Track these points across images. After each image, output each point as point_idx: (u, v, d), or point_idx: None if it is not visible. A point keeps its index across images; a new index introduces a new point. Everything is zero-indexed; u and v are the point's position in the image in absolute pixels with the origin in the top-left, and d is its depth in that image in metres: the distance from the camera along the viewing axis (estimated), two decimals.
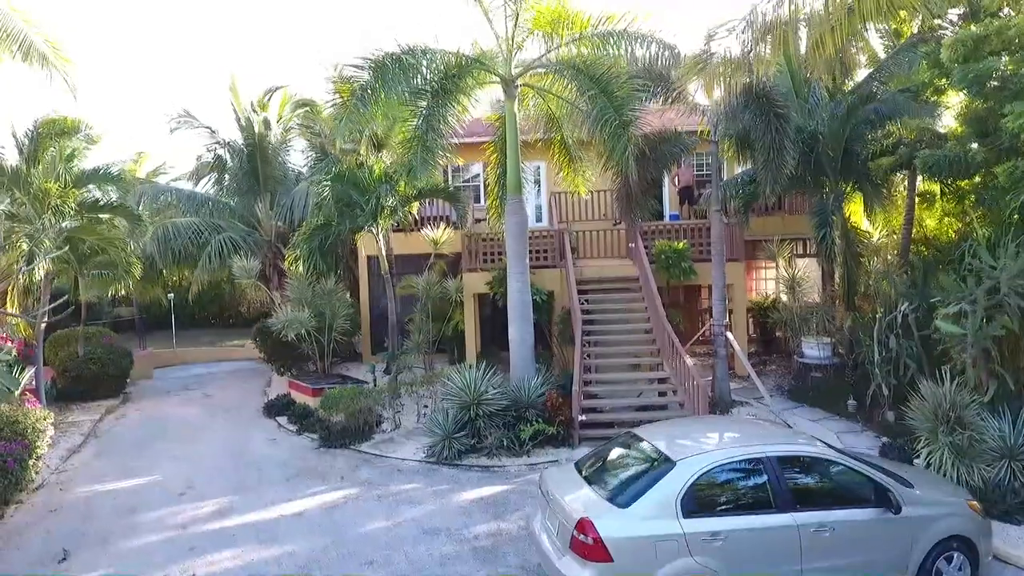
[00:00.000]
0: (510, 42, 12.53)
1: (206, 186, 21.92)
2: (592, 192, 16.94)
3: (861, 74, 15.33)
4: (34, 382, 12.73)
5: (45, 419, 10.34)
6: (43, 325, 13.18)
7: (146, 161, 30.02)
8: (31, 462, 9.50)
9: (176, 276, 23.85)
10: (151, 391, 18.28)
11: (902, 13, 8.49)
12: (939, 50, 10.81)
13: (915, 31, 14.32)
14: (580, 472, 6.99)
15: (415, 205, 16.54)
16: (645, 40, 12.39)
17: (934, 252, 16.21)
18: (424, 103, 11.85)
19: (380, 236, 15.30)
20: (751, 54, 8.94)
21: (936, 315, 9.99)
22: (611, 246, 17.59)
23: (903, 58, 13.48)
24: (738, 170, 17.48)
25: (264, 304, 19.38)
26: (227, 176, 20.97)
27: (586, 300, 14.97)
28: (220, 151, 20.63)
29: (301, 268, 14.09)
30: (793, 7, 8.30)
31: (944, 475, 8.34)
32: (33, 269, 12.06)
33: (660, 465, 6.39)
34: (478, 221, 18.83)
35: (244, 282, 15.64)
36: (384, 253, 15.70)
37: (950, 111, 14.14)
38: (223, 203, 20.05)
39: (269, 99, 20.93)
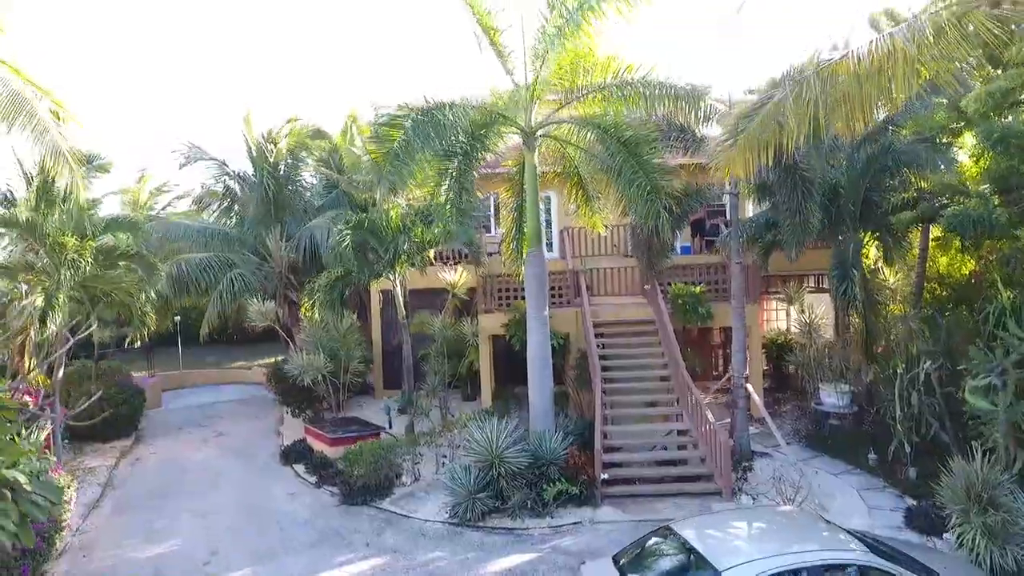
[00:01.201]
0: (531, 93, 12.45)
1: (215, 214, 21.79)
2: (607, 226, 16.88)
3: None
4: (52, 436, 12.65)
5: (68, 486, 10.26)
6: (59, 376, 13.10)
7: (148, 181, 30.03)
8: (57, 536, 9.44)
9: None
10: (162, 426, 18.23)
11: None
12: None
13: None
14: (619, 569, 6.97)
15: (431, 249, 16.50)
16: (667, 90, 12.35)
17: (948, 290, 16.27)
18: (454, 163, 11.79)
19: (396, 278, 15.23)
20: (781, 129, 8.87)
21: (963, 385, 9.97)
22: (625, 283, 17.53)
23: (918, 103, 13.44)
24: (752, 209, 17.48)
25: (270, 324, 19.29)
26: (237, 206, 20.84)
27: (602, 343, 14.94)
28: (230, 182, 20.52)
29: (318, 315, 14.00)
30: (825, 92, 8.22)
31: (976, 556, 8.33)
32: (48, 327, 11.96)
33: (703, 572, 6.37)
34: (490, 254, 18.80)
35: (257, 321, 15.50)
36: (400, 297, 15.63)
37: (964, 149, 14.15)
38: (233, 235, 19.92)
39: (281, 131, 20.81)
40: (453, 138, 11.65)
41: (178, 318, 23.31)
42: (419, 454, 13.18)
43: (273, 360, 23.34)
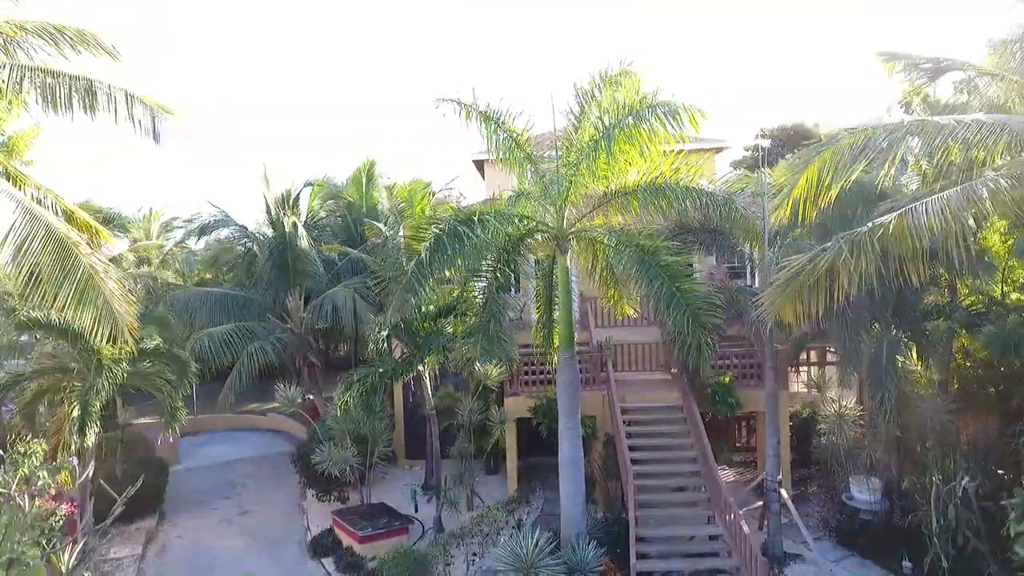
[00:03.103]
0: (564, 198, 12.37)
1: (234, 269, 21.81)
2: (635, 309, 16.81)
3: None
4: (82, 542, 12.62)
5: None
6: (90, 475, 13.09)
7: (159, 218, 30.20)
8: None
9: None
10: (185, 496, 18.18)
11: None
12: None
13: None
14: None
15: None
16: (698, 194, 12.28)
17: (977, 371, 16.15)
18: (483, 284, 11.73)
19: (425, 368, 15.17)
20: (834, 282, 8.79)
21: (1009, 525, 9.88)
22: (651, 358, 17.48)
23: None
24: None
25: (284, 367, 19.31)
26: (256, 267, 20.86)
27: (630, 432, 14.87)
28: (250, 244, 20.52)
29: (350, 405, 13.93)
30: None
31: None
32: (85, 437, 11.94)
33: None
34: (511, 320, 18.71)
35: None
36: (428, 386, 15.58)
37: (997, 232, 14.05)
38: (253, 299, 19.91)
39: (300, 193, 20.83)
40: (481, 261, 11.62)
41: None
42: (450, 555, 13.14)
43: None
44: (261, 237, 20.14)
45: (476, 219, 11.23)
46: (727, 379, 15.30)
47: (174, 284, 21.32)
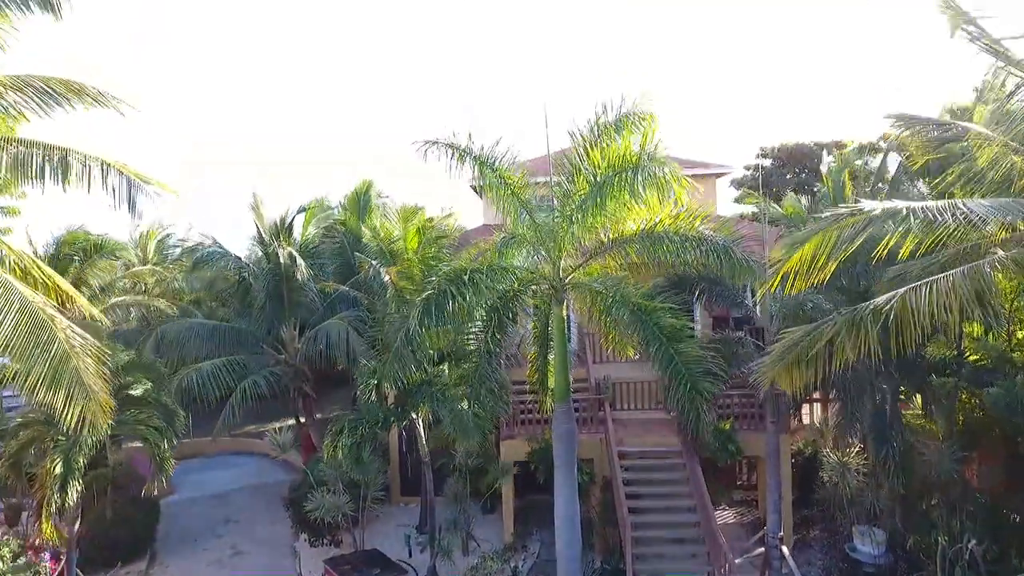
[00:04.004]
0: (560, 246, 12.07)
1: (231, 297, 21.55)
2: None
3: None
4: None
5: None
6: (76, 530, 12.83)
7: (155, 237, 29.97)
8: None
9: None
10: (177, 533, 17.91)
11: None
12: None
13: None
14: None
15: None
16: (696, 242, 11.99)
17: (983, 415, 15.80)
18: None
19: (419, 417, 14.87)
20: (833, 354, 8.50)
21: None
22: (649, 395, 17.16)
23: None
24: None
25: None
26: (249, 296, 20.54)
27: (627, 478, 14.55)
28: (245, 274, 20.22)
29: (340, 456, 13.61)
30: None
31: None
32: (67, 495, 11.66)
33: None
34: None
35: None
36: (421, 434, 15.28)
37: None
38: (245, 329, 19.61)
39: (294, 220, 20.54)
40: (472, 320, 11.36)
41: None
42: None
43: (292, 422, 22.98)
44: (255, 268, 19.81)
45: (467, 279, 10.93)
46: (727, 425, 14.97)
47: (167, 314, 21.02)
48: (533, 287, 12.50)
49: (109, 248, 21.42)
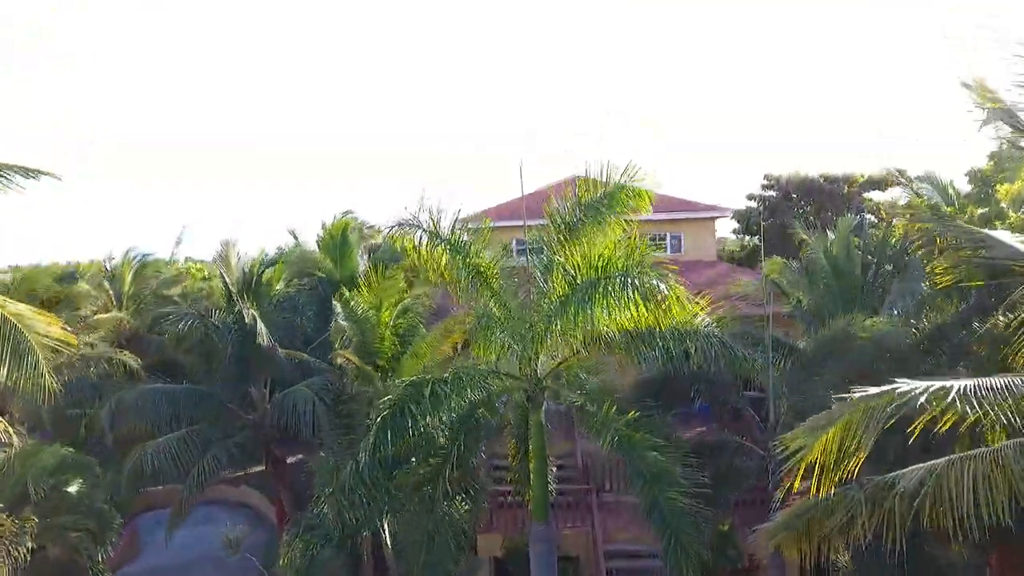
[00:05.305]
0: (534, 349, 10.70)
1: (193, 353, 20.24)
2: None
3: None
4: None
5: None
6: None
7: (130, 268, 28.61)
8: None
9: None
10: None
11: None
12: None
13: None
14: None
15: None
16: (692, 338, 10.63)
17: None
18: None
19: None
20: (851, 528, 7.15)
21: None
22: None
23: None
24: None
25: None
26: (215, 356, 19.20)
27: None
28: (210, 332, 18.84)
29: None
30: None
31: None
32: None
33: None
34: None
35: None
36: (388, 543, 13.89)
37: None
38: (211, 394, 18.26)
39: (263, 272, 19.17)
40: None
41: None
42: None
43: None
44: (221, 326, 18.43)
45: (427, 394, 9.55)
46: (726, 527, 13.57)
47: (131, 365, 19.72)
48: (507, 389, 11.16)
49: (70, 291, 20.32)
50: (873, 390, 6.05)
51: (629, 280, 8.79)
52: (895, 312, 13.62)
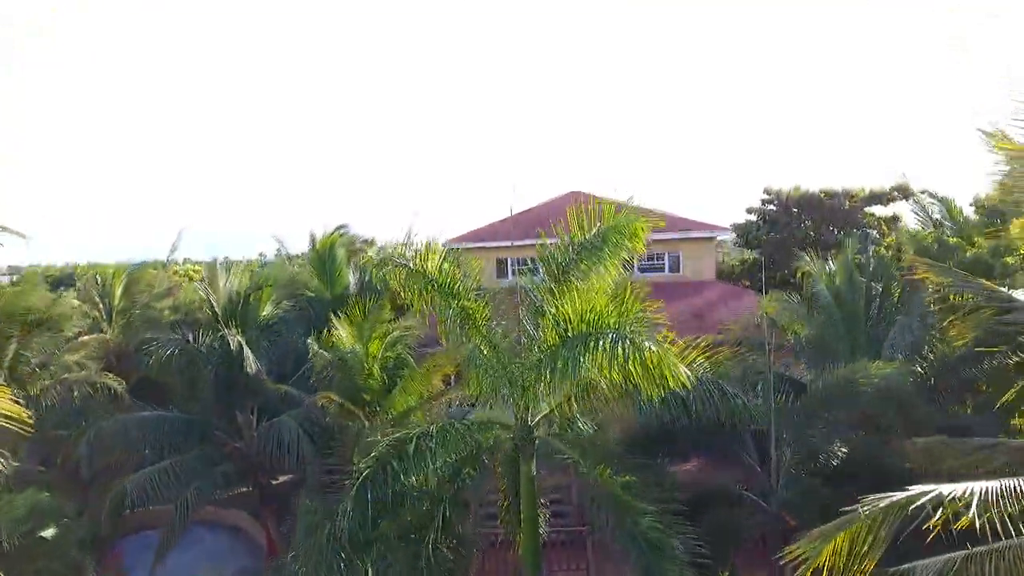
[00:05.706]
0: (525, 400, 10.23)
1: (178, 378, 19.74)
2: None
3: None
4: None
5: None
6: None
7: (121, 277, 28.04)
8: None
9: None
10: None
11: None
12: None
13: None
14: None
15: None
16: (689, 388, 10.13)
17: None
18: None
19: None
20: None
21: None
22: None
23: None
24: None
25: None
26: (200, 383, 18.70)
27: None
28: (195, 357, 18.36)
29: None
30: None
31: None
32: None
33: None
34: None
35: None
36: None
37: None
38: (195, 422, 17.79)
39: (253, 298, 18.67)
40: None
41: None
42: None
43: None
44: (206, 351, 17.94)
45: (411, 451, 9.06)
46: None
47: (116, 389, 19.21)
48: (496, 439, 10.67)
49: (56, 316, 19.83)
50: (885, 501, 5.58)
51: (620, 340, 8.30)
52: (899, 353, 13.10)
